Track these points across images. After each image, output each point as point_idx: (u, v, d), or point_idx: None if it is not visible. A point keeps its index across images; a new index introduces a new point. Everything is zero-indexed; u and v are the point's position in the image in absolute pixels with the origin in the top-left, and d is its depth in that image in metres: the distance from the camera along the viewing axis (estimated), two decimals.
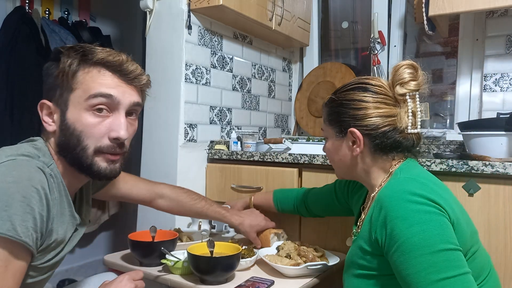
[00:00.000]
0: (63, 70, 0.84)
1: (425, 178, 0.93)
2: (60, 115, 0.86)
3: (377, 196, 0.93)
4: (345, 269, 1.04)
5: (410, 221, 0.82)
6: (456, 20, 2.02)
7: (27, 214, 0.74)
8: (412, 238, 0.81)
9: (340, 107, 1.00)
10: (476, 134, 1.38)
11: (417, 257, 0.80)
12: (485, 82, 1.85)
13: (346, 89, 1.01)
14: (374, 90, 0.97)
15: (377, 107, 0.96)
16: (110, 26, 2.90)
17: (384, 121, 0.95)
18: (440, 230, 0.81)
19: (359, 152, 0.98)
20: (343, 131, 0.99)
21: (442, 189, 0.92)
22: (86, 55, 0.85)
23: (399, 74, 0.95)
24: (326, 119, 1.05)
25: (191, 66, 1.77)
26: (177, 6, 1.73)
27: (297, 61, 2.57)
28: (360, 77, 1.03)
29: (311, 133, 2.36)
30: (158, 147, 1.77)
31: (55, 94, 0.86)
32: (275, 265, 1.22)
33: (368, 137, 0.96)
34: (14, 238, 0.72)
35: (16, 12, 2.16)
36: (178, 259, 1.20)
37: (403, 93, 0.95)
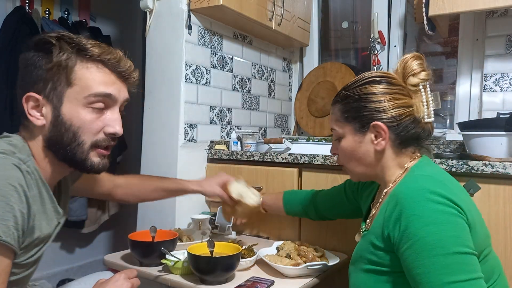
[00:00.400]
0: (58, 64, 0.82)
1: (442, 176, 0.92)
2: (52, 110, 0.84)
3: (392, 192, 0.92)
4: (352, 262, 1.03)
5: (426, 220, 0.81)
6: (456, 20, 2.02)
7: (7, 213, 0.73)
8: (427, 238, 0.80)
9: (358, 101, 0.97)
10: (476, 134, 1.38)
11: (430, 257, 0.79)
12: (485, 82, 1.85)
13: (360, 83, 0.99)
14: (389, 82, 0.97)
15: (397, 98, 0.95)
16: (110, 26, 2.90)
17: (405, 112, 0.95)
18: (456, 232, 0.80)
19: (384, 145, 0.96)
20: (365, 126, 0.97)
21: (459, 189, 0.91)
22: (82, 50, 0.84)
23: (409, 66, 0.96)
24: (341, 117, 1.02)
25: (191, 66, 1.77)
26: (177, 6, 1.73)
27: (297, 61, 2.57)
28: (368, 72, 1.02)
29: (311, 133, 2.36)
30: (158, 147, 1.77)
31: (46, 87, 0.83)
32: (275, 265, 1.22)
33: (391, 130, 0.95)
34: None
35: (16, 12, 2.16)
36: (178, 259, 1.20)
37: (416, 83, 0.96)
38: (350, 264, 1.03)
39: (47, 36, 0.84)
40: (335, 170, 1.49)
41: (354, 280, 0.99)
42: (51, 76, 0.83)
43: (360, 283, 0.96)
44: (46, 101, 0.84)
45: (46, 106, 0.84)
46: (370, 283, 0.93)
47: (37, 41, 0.85)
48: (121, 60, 0.89)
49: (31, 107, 0.84)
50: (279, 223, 1.65)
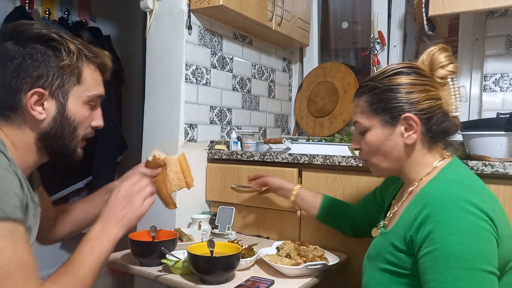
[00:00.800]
0: (70, 63, 0.87)
1: (474, 182, 0.88)
2: (57, 105, 0.88)
3: (420, 193, 0.89)
4: (368, 256, 1.00)
5: (454, 229, 0.78)
6: (456, 20, 2.02)
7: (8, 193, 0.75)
8: (451, 247, 0.77)
9: (388, 92, 0.93)
10: (476, 134, 1.38)
11: (450, 268, 0.77)
12: (485, 82, 1.85)
13: (389, 74, 0.95)
14: (419, 73, 0.94)
15: (428, 90, 0.92)
16: (110, 26, 2.90)
17: (436, 104, 0.92)
18: (484, 247, 0.77)
19: (414, 139, 0.92)
20: (396, 118, 0.93)
21: (490, 197, 0.88)
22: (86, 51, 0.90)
23: (437, 58, 0.94)
24: (368, 109, 0.97)
25: (191, 66, 1.77)
26: (177, 6, 1.73)
27: (297, 61, 2.57)
28: (395, 63, 0.99)
29: (311, 133, 2.36)
30: (158, 147, 1.76)
31: (53, 83, 0.86)
32: (275, 265, 1.22)
33: (422, 122, 0.92)
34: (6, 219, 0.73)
35: (16, 12, 2.16)
36: (178, 259, 1.20)
37: (444, 76, 0.93)
38: (366, 258, 1.01)
39: (52, 32, 0.86)
40: (335, 170, 1.49)
41: (369, 277, 0.98)
42: (62, 73, 0.87)
43: (374, 281, 0.95)
44: (50, 97, 0.87)
45: (49, 101, 0.87)
46: (385, 283, 0.92)
47: (41, 36, 0.86)
48: (108, 63, 0.97)
49: (34, 101, 0.85)
50: (279, 223, 1.65)
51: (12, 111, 0.86)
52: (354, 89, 2.22)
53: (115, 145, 2.49)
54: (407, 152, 0.95)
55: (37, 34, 0.86)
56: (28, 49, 0.85)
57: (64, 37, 0.88)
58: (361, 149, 1.02)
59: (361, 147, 1.01)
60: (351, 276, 1.44)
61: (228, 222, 1.60)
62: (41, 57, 0.85)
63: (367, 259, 1.01)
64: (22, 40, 0.85)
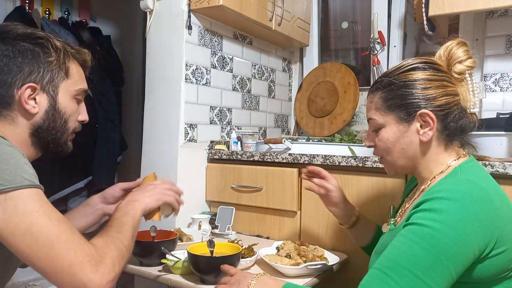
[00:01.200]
0: (58, 58, 0.92)
1: (487, 184, 0.85)
2: (49, 99, 0.92)
3: (429, 191, 0.86)
4: (375, 251, 1.00)
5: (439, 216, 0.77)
6: (456, 20, 2.02)
7: (24, 164, 0.79)
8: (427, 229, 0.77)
9: (404, 88, 0.91)
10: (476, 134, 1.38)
11: (414, 242, 0.77)
12: (485, 82, 1.85)
13: (405, 69, 0.93)
14: (436, 68, 0.92)
15: (445, 86, 0.90)
16: (110, 26, 2.90)
17: (454, 100, 0.90)
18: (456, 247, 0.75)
19: (431, 136, 0.90)
20: (411, 114, 0.90)
21: (503, 201, 0.84)
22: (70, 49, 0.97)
23: (455, 53, 0.92)
24: (382, 105, 0.94)
25: (191, 66, 1.77)
26: (177, 7, 1.73)
27: (297, 61, 2.57)
28: (411, 58, 0.97)
29: (311, 133, 2.36)
30: (158, 147, 1.78)
31: (44, 78, 0.90)
32: (275, 264, 1.22)
33: (439, 119, 0.89)
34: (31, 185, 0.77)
35: (16, 12, 2.16)
36: (178, 259, 1.20)
37: (462, 71, 0.91)
38: (374, 253, 1.00)
39: (38, 31, 0.92)
40: (335, 170, 1.49)
41: None
42: (51, 68, 0.91)
43: None
44: (42, 91, 0.91)
45: (40, 95, 0.91)
46: None
47: (28, 34, 0.90)
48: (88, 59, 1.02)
49: (27, 95, 0.89)
50: (279, 223, 1.65)
51: (4, 107, 0.89)
52: (354, 89, 2.22)
53: (115, 145, 2.48)
54: (423, 149, 0.93)
55: (24, 33, 0.90)
56: (18, 47, 0.89)
57: (49, 36, 0.93)
58: (376, 146, 0.99)
59: (375, 144, 0.99)
60: (351, 276, 1.44)
61: (228, 222, 1.60)
62: (31, 54, 0.89)
63: (374, 255, 1.01)
64: (10, 38, 0.89)
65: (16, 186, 0.75)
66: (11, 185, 0.74)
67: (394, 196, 1.37)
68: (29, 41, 0.90)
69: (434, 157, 0.93)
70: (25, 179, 0.77)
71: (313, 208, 1.55)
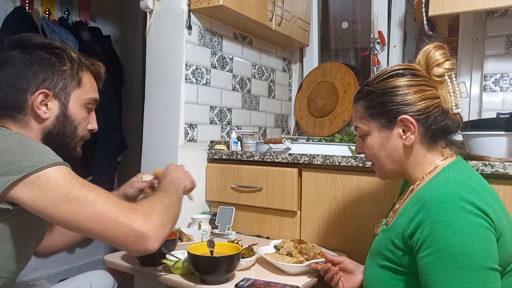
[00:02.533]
0: (72, 67, 0.97)
1: (476, 182, 0.88)
2: (60, 106, 0.96)
3: (419, 192, 0.90)
4: (370, 254, 1.01)
5: (454, 229, 0.78)
6: (456, 20, 2.02)
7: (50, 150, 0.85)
8: (453, 248, 0.77)
9: (383, 96, 0.94)
10: (476, 134, 1.38)
11: (454, 268, 0.77)
12: (485, 82, 1.85)
13: (384, 78, 0.96)
14: (414, 74, 0.94)
15: (423, 90, 0.92)
16: (110, 26, 2.90)
17: (433, 103, 0.92)
18: (485, 246, 0.77)
19: (413, 139, 0.93)
20: (392, 121, 0.94)
21: (493, 197, 0.87)
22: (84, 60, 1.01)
23: (433, 57, 0.94)
24: (365, 114, 0.98)
25: (191, 66, 1.77)
26: (177, 7, 1.73)
27: (297, 61, 2.57)
28: (390, 65, 1.00)
29: (311, 133, 2.36)
30: (158, 147, 1.78)
31: (57, 85, 0.95)
32: (278, 263, 1.22)
33: (420, 123, 0.92)
34: (59, 163, 0.83)
35: (16, 12, 2.16)
36: (178, 259, 1.20)
37: (441, 74, 0.94)
38: (368, 256, 1.02)
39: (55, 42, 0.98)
40: (335, 170, 1.50)
41: (369, 273, 0.99)
42: (64, 77, 0.96)
43: (375, 277, 0.96)
44: (54, 98, 0.95)
45: (52, 101, 0.95)
46: (385, 279, 0.92)
47: (46, 45, 0.95)
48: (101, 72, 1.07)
49: (40, 101, 0.93)
50: (279, 223, 1.65)
51: (18, 111, 0.93)
52: (354, 89, 2.22)
53: (115, 145, 2.49)
54: (407, 153, 0.95)
55: (42, 43, 0.95)
56: (35, 55, 0.94)
57: (66, 47, 0.98)
58: (365, 153, 1.03)
59: (363, 151, 1.03)
60: None
61: (228, 222, 1.60)
62: (47, 62, 0.94)
63: (369, 256, 1.02)
64: (28, 47, 0.94)
65: (45, 164, 0.80)
66: (41, 165, 0.79)
67: (394, 196, 1.37)
68: (46, 50, 0.95)
69: (420, 159, 0.95)
70: (53, 159, 0.82)
71: (313, 208, 1.55)
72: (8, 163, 0.78)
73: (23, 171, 0.78)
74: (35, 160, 0.79)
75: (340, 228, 1.50)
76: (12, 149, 0.80)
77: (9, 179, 0.77)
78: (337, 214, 1.50)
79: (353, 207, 1.46)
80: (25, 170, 0.78)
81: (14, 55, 0.94)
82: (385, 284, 0.92)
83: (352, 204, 1.47)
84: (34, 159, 0.80)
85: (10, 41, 0.97)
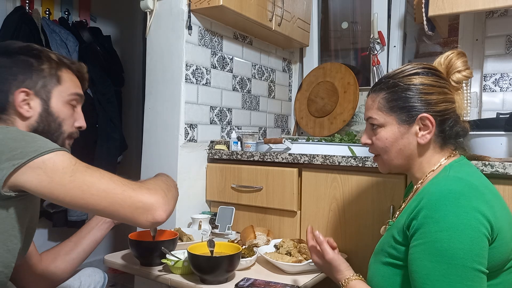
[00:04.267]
0: (50, 66, 0.99)
1: (477, 179, 0.89)
2: (42, 103, 0.97)
3: (421, 190, 0.92)
4: (373, 254, 1.03)
5: (442, 225, 0.79)
6: (456, 20, 2.02)
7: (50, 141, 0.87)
8: (437, 243, 0.79)
9: (408, 91, 0.94)
10: (476, 134, 1.38)
11: (433, 261, 0.79)
12: (485, 82, 1.86)
13: (409, 73, 0.96)
14: (438, 75, 0.96)
15: (446, 93, 0.94)
16: (111, 26, 2.90)
17: (451, 107, 0.94)
18: (469, 245, 0.78)
19: (429, 139, 0.94)
20: (412, 117, 0.94)
21: (493, 194, 0.88)
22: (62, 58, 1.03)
23: (455, 63, 0.96)
24: (384, 106, 0.97)
25: (191, 67, 1.77)
26: (177, 7, 1.73)
27: (297, 62, 2.57)
28: (414, 63, 1.00)
29: (311, 133, 2.37)
30: (158, 147, 1.78)
31: (36, 84, 0.97)
32: (277, 262, 1.23)
33: (437, 124, 0.93)
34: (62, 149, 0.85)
35: (16, 12, 2.16)
36: (179, 259, 1.20)
37: (460, 80, 0.96)
38: (372, 256, 1.03)
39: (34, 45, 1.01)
40: (335, 170, 1.50)
41: (373, 271, 0.99)
42: (43, 75, 0.98)
43: (377, 274, 0.96)
44: (35, 96, 0.97)
45: (34, 100, 0.97)
46: (388, 275, 0.93)
47: (24, 47, 0.99)
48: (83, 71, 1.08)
49: (21, 100, 0.95)
50: (279, 223, 1.65)
51: (2, 112, 0.95)
52: (354, 89, 2.22)
53: (115, 145, 2.49)
54: (419, 151, 0.96)
55: (20, 47, 0.99)
56: (15, 59, 0.97)
57: (44, 48, 1.02)
58: (372, 144, 1.02)
59: (372, 142, 1.02)
60: None
61: (228, 222, 1.60)
62: (25, 63, 0.97)
63: (372, 256, 1.03)
64: (8, 52, 0.98)
65: (50, 149, 0.82)
66: (45, 149, 0.82)
67: (394, 196, 1.38)
68: (25, 52, 0.98)
69: (428, 159, 0.97)
70: (56, 146, 0.85)
71: (313, 208, 1.56)
72: (12, 149, 0.80)
73: (27, 155, 0.80)
74: (38, 145, 0.82)
75: (340, 228, 1.50)
76: (16, 138, 0.83)
77: (14, 163, 0.79)
78: (337, 214, 1.50)
79: (353, 207, 1.47)
80: (29, 154, 0.80)
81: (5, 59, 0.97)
82: (387, 280, 0.93)
83: (352, 204, 1.47)
84: (38, 145, 0.82)
85: None
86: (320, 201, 1.54)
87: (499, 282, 0.85)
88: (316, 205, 1.55)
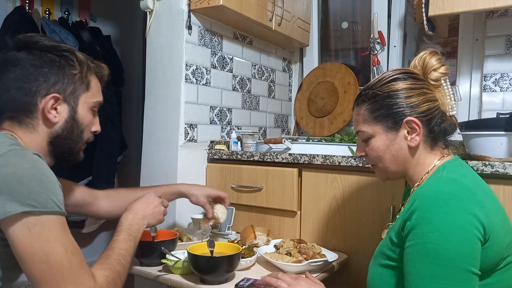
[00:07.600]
0: (81, 71, 0.96)
1: (470, 179, 0.90)
2: (70, 110, 0.96)
3: (415, 192, 0.93)
4: (372, 258, 1.04)
5: (433, 227, 0.80)
6: (456, 20, 2.02)
7: (57, 189, 0.84)
8: (429, 244, 0.80)
9: (388, 99, 0.96)
10: (476, 134, 1.38)
11: (425, 262, 0.80)
12: (485, 82, 1.85)
13: (386, 81, 0.98)
14: (415, 77, 0.97)
15: (425, 93, 0.96)
16: (110, 26, 2.90)
17: (434, 105, 0.95)
18: (460, 246, 0.79)
19: (418, 141, 0.95)
20: (398, 123, 0.96)
21: (486, 194, 0.89)
22: (92, 65, 1.01)
23: (429, 62, 0.98)
24: (369, 117, 1.00)
25: (191, 66, 1.77)
26: (177, 7, 1.73)
27: (297, 61, 2.57)
28: (390, 70, 1.02)
29: (311, 133, 2.36)
30: (158, 147, 1.78)
31: (67, 89, 0.94)
32: (277, 262, 1.23)
33: (424, 124, 0.95)
34: (59, 212, 0.82)
35: (16, 12, 2.16)
36: (178, 259, 1.20)
37: (438, 78, 0.97)
38: (371, 259, 1.04)
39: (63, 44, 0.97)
40: (335, 170, 1.50)
41: (372, 274, 1.00)
42: (74, 81, 0.95)
43: (376, 277, 0.97)
44: (63, 101, 0.95)
45: (62, 105, 0.94)
46: (386, 278, 0.94)
47: (54, 47, 0.94)
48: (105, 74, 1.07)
49: (51, 105, 0.92)
50: (279, 223, 1.65)
51: (27, 115, 0.92)
52: (354, 89, 2.22)
53: (115, 145, 2.49)
54: (412, 154, 0.98)
55: (51, 45, 0.94)
56: (45, 58, 0.92)
57: (74, 49, 0.98)
58: (367, 155, 1.04)
59: (366, 153, 1.04)
60: (351, 276, 1.45)
61: (228, 222, 1.60)
62: (57, 65, 0.93)
63: (372, 259, 1.04)
64: (37, 49, 0.92)
65: (47, 210, 0.80)
66: (42, 209, 0.79)
67: (394, 196, 1.38)
68: (55, 52, 0.94)
69: (422, 160, 0.98)
70: (56, 205, 0.82)
71: (313, 208, 1.56)
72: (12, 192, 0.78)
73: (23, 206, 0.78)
74: (38, 200, 0.79)
75: (340, 228, 1.50)
76: (22, 179, 0.79)
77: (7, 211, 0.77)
78: (337, 214, 1.50)
79: (353, 207, 1.47)
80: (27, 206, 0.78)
81: (21, 57, 0.91)
82: (386, 282, 0.93)
83: (352, 204, 1.47)
84: (39, 199, 0.79)
85: (15, 42, 0.94)
86: (320, 201, 1.54)
87: (493, 281, 0.85)
88: (316, 205, 1.55)
